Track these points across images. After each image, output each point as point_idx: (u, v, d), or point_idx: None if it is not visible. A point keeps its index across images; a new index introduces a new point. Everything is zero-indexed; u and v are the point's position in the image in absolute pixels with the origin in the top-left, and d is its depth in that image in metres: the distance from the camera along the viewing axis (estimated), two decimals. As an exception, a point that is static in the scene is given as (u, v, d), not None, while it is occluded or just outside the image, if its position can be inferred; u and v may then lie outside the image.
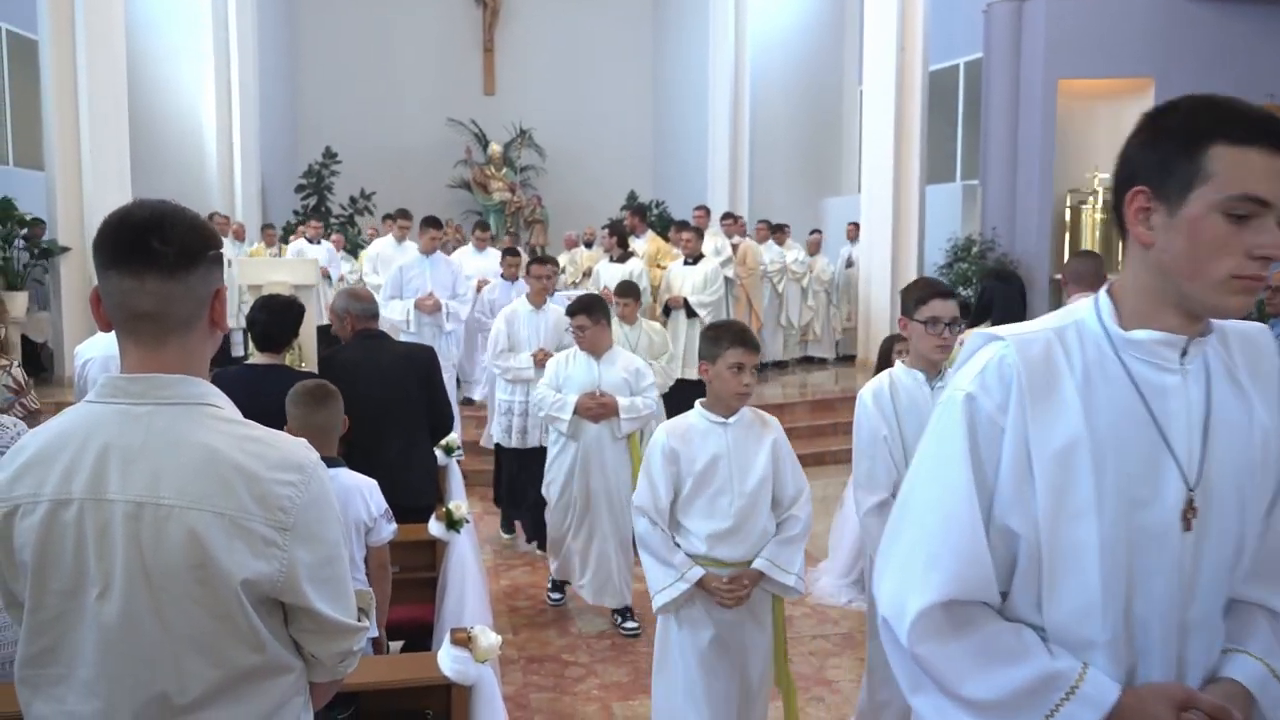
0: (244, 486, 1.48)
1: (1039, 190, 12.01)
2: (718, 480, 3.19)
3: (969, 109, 14.00)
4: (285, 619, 1.59)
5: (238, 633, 1.50)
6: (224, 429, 1.53)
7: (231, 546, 1.47)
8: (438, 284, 7.80)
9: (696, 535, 3.20)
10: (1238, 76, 11.35)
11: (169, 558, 1.46)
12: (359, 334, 4.60)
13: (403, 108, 18.10)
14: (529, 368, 6.10)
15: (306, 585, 1.53)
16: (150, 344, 1.53)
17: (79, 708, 1.50)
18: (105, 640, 1.48)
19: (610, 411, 5.05)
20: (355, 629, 1.65)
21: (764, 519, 3.25)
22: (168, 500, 1.46)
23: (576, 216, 16.39)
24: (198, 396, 1.54)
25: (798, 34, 16.16)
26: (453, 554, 3.78)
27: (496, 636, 2.67)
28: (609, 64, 18.79)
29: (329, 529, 1.58)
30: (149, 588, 1.47)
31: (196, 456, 1.48)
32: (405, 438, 4.35)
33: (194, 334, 1.56)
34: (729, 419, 3.24)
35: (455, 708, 2.66)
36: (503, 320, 6.33)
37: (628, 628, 5.10)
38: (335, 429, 3.28)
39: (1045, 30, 11.72)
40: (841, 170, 16.73)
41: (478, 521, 5.87)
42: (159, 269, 1.49)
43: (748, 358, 3.18)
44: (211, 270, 1.56)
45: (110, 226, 1.52)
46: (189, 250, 1.52)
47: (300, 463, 1.55)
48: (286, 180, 16.41)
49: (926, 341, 3.22)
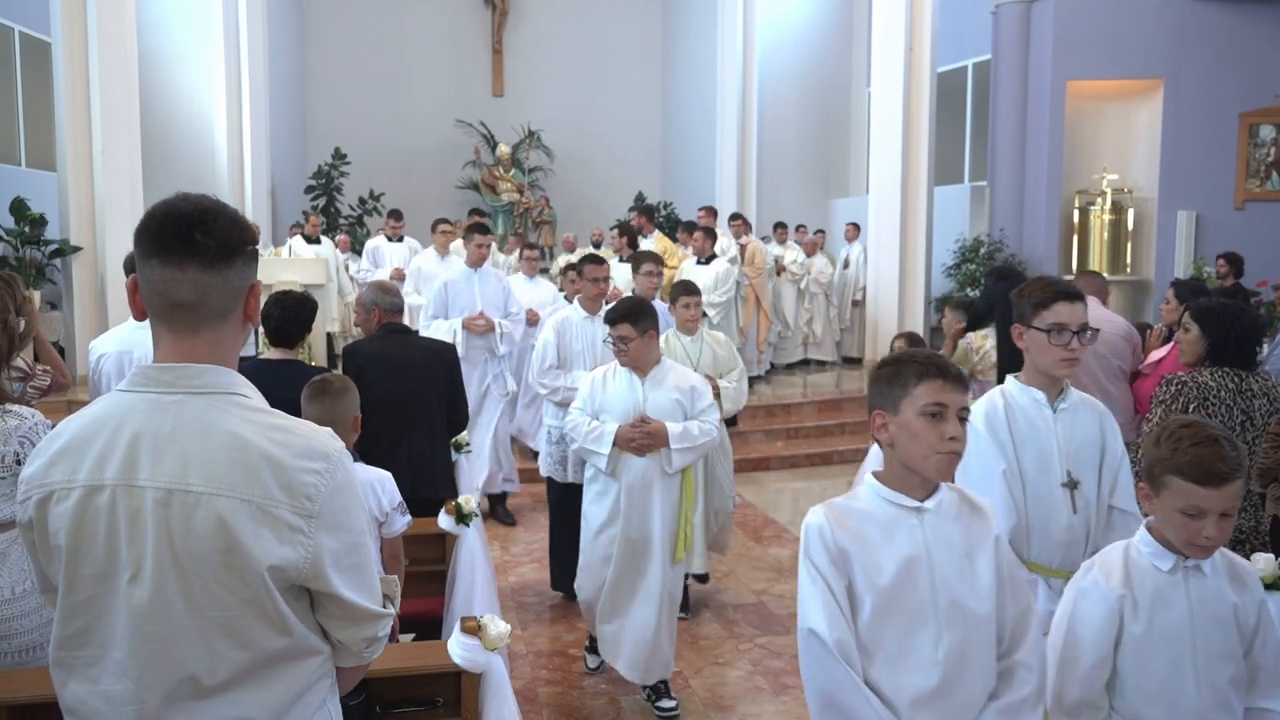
0: (270, 474, 1.52)
1: (1047, 191, 12.02)
2: (915, 599, 2.02)
3: (977, 110, 14.00)
4: (311, 604, 1.62)
5: (265, 616, 1.54)
6: (251, 418, 1.57)
7: (258, 533, 1.51)
8: (488, 301, 6.72)
9: (892, 702, 2.00)
10: (1246, 77, 11.36)
11: (197, 543, 1.50)
12: (384, 327, 4.64)
13: (412, 109, 18.16)
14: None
15: (331, 572, 1.57)
16: (184, 333, 1.58)
17: (112, 688, 1.54)
18: (136, 623, 1.52)
19: (659, 441, 4.06)
20: (380, 615, 1.68)
21: (985, 672, 2.06)
22: (196, 487, 1.50)
23: (585, 217, 16.42)
24: (226, 386, 1.58)
25: (806, 35, 16.17)
26: (462, 547, 3.81)
27: (506, 625, 2.70)
28: (617, 65, 18.82)
29: (353, 517, 1.61)
30: (178, 572, 1.51)
31: (225, 444, 1.52)
32: (428, 431, 4.39)
33: (227, 326, 1.61)
34: (925, 501, 2.07)
35: (465, 696, 2.69)
36: (551, 331, 5.37)
37: (664, 707, 4.17)
38: (346, 423, 3.31)
39: (1054, 31, 11.73)
40: (850, 171, 16.73)
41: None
42: (200, 260, 1.54)
43: (951, 396, 2.01)
44: (249, 265, 1.61)
45: (155, 217, 1.56)
46: (229, 244, 1.57)
47: (326, 451, 1.59)
48: (297, 181, 16.47)
49: (1050, 354, 2.68)
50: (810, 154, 16.29)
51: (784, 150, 15.95)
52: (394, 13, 18.13)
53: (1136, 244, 12.15)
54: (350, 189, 16.76)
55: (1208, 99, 11.37)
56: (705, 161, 16.26)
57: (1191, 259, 11.41)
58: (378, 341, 4.57)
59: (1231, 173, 11.64)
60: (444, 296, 6.67)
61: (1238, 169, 11.64)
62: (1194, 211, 11.60)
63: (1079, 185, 12.12)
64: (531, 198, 17.94)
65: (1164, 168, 11.66)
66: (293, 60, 17.26)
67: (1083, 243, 12.14)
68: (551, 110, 18.38)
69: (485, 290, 6.73)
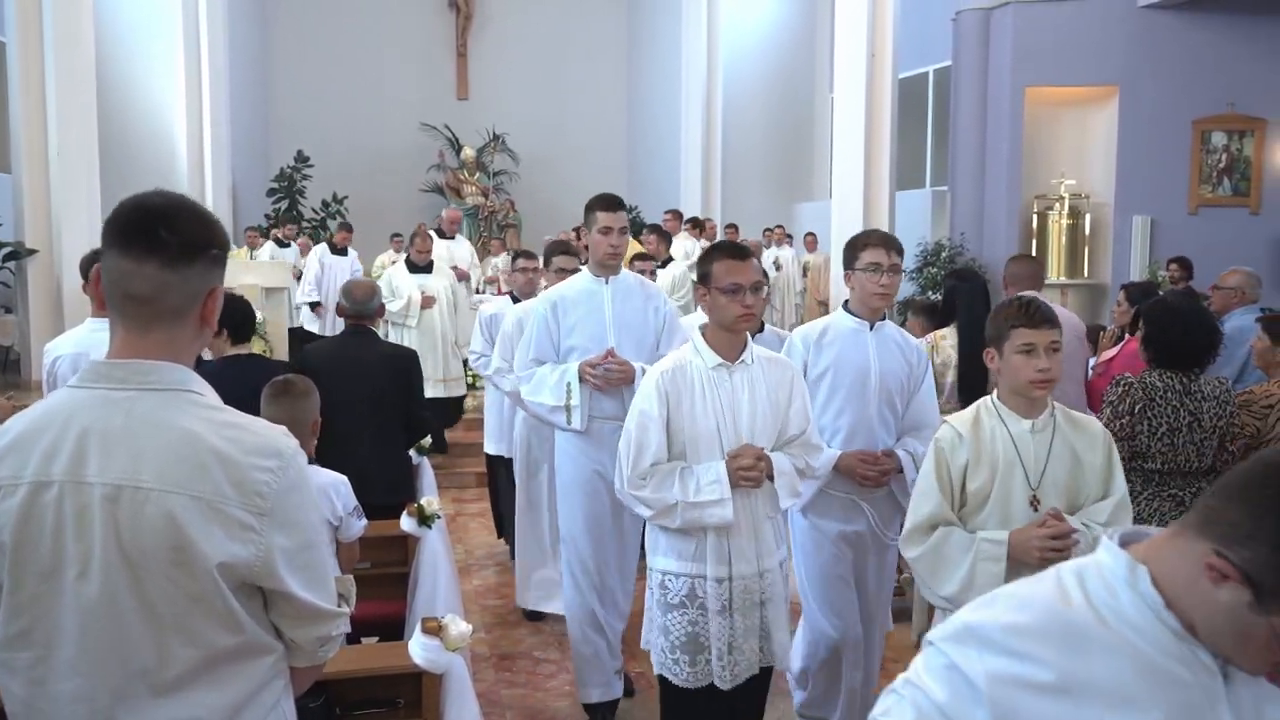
0: (221, 471, 1.52)
1: (1006, 196, 12.18)
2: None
3: (938, 116, 14.18)
4: (265, 603, 1.61)
5: (215, 614, 1.53)
6: (204, 415, 1.56)
7: (208, 530, 1.50)
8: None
9: None
10: (1199, 85, 11.59)
11: (146, 540, 1.49)
12: (346, 329, 4.64)
13: (376, 111, 18.06)
14: None
15: (284, 570, 1.56)
16: (137, 328, 1.57)
17: (59, 687, 1.52)
18: (84, 621, 1.51)
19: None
20: (334, 614, 1.67)
21: None
22: (146, 483, 1.49)
23: (550, 221, 16.42)
24: (179, 383, 1.57)
25: (769, 41, 16.29)
26: (424, 550, 3.81)
27: (467, 626, 2.70)
28: (582, 70, 18.84)
29: (307, 515, 1.61)
30: (127, 569, 1.50)
31: (175, 440, 1.52)
32: (380, 435, 4.37)
33: (182, 326, 1.59)
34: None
35: (426, 697, 2.69)
36: None
37: None
38: (306, 425, 3.29)
39: (1013, 39, 11.90)
40: (813, 175, 16.88)
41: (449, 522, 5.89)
42: (160, 256, 1.53)
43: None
44: (211, 268, 1.60)
45: (124, 209, 1.57)
46: (192, 244, 1.56)
47: (279, 449, 1.58)
48: (258, 183, 16.32)
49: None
50: (774, 158, 16.41)
51: (748, 154, 16.06)
52: (357, 15, 18.03)
53: (1093, 248, 12.35)
54: (313, 192, 16.64)
55: (1162, 106, 11.59)
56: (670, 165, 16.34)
57: (1147, 263, 11.62)
58: (336, 343, 4.56)
59: (1185, 179, 11.86)
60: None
61: (1191, 175, 11.87)
62: (1149, 216, 11.81)
63: (1037, 190, 12.29)
64: (496, 201, 17.91)
65: (1120, 174, 11.86)
66: (254, 61, 17.10)
67: (1041, 247, 12.31)
68: (516, 114, 18.36)
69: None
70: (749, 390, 3.08)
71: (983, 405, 2.79)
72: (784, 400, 3.15)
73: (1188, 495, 3.63)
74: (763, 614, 3.14)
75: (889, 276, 3.46)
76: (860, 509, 3.59)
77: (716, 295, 3.03)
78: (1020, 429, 2.71)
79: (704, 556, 3.08)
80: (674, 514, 3.03)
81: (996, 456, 2.69)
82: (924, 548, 2.71)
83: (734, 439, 3.05)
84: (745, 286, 3.00)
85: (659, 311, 4.17)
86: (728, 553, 3.07)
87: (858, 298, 3.54)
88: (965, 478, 2.72)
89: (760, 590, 3.12)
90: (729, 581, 3.07)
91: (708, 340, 3.11)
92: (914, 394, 3.60)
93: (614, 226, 4.05)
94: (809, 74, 16.67)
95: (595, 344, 4.03)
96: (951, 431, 2.77)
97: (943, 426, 2.82)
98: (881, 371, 3.52)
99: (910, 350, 3.63)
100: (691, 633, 3.09)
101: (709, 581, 3.06)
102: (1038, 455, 2.70)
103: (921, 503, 2.76)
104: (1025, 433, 2.71)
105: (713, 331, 3.12)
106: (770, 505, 3.15)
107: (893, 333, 3.63)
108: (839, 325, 3.59)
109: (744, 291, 2.99)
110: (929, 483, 2.75)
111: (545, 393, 4.00)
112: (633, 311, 4.11)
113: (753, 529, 3.11)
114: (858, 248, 3.51)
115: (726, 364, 3.08)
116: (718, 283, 3.02)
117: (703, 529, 3.05)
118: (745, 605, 3.08)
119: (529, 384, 4.06)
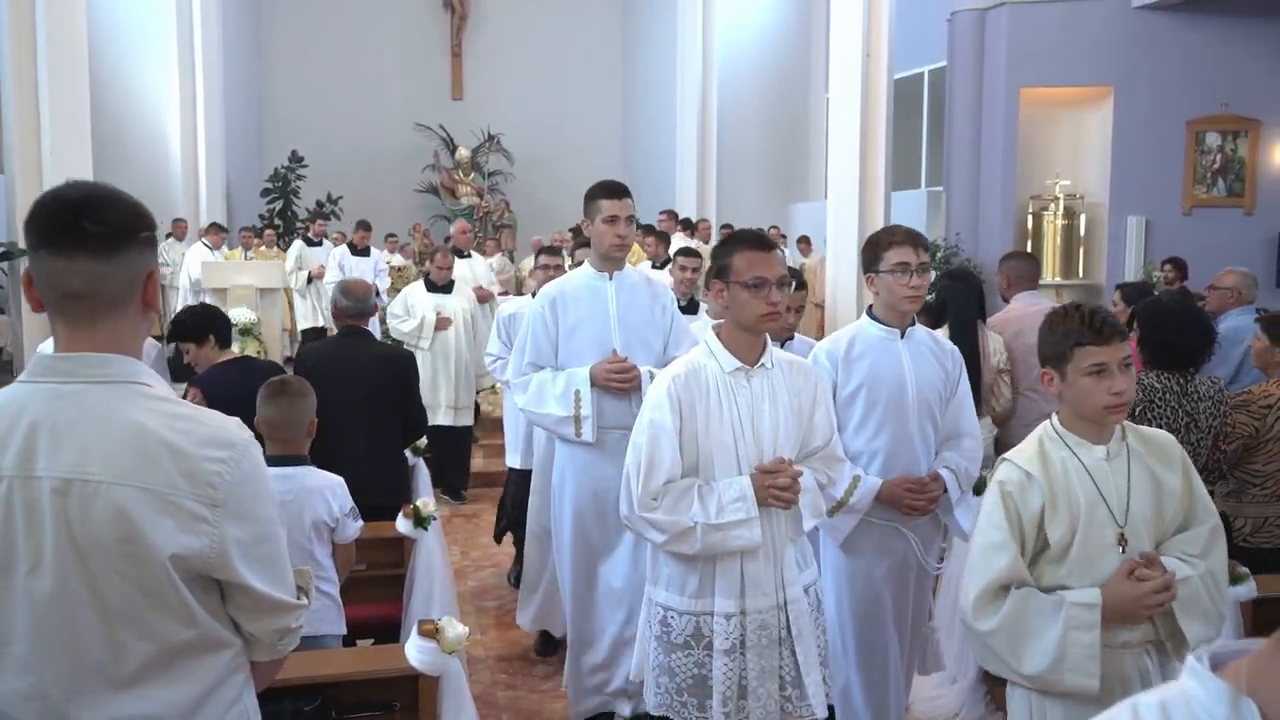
0: (172, 462, 1.50)
1: (1001, 196, 12.19)
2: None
3: (933, 116, 14.18)
4: (223, 597, 1.60)
5: (168, 608, 1.52)
6: (153, 406, 1.54)
7: (159, 522, 1.49)
8: None
9: None
10: (1193, 86, 11.61)
11: (97, 532, 1.48)
12: (341, 330, 4.63)
13: (370, 112, 18.02)
14: None
15: (239, 562, 1.55)
16: (80, 324, 1.54)
17: (13, 685, 1.50)
18: (37, 616, 1.49)
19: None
20: (293, 605, 1.66)
21: None
22: (95, 476, 1.48)
23: (545, 221, 16.39)
24: (128, 375, 1.55)
25: (765, 41, 16.28)
26: (420, 551, 3.79)
27: (464, 628, 2.69)
28: (577, 70, 18.83)
29: (262, 506, 1.59)
30: (79, 563, 1.48)
31: (125, 433, 1.50)
32: (376, 436, 4.35)
33: (125, 315, 1.57)
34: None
35: (423, 699, 2.67)
36: None
37: None
38: (300, 425, 3.28)
39: (1008, 39, 11.91)
40: (809, 176, 16.87)
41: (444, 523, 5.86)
42: (89, 249, 1.50)
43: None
44: (144, 252, 1.57)
45: (43, 206, 1.53)
46: (121, 231, 1.53)
47: (231, 440, 1.56)
48: (253, 183, 16.27)
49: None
50: (770, 159, 16.40)
51: (744, 155, 16.04)
52: (352, 15, 17.99)
53: (1088, 248, 12.37)
54: (307, 192, 16.60)
55: (1156, 107, 11.61)
56: (665, 166, 16.32)
57: (1141, 263, 11.63)
58: (332, 344, 4.55)
59: (1179, 179, 11.88)
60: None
61: (1185, 175, 11.88)
62: (1143, 217, 11.82)
63: (1032, 191, 12.30)
64: (491, 201, 17.89)
65: (1114, 174, 11.87)
66: (249, 62, 17.06)
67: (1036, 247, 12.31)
68: (511, 114, 18.34)
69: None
70: (770, 397, 2.73)
71: (1045, 435, 2.37)
72: (807, 408, 2.80)
73: (1182, 495, 3.63)
74: (784, 653, 2.71)
75: (919, 277, 3.13)
76: (902, 536, 3.25)
77: (737, 290, 2.67)
78: (1094, 458, 2.31)
79: (711, 590, 2.69)
80: (692, 538, 2.63)
81: (1075, 496, 2.28)
82: (999, 619, 2.23)
83: (753, 452, 2.70)
84: (770, 281, 2.65)
85: (666, 310, 3.83)
86: (740, 583, 2.68)
87: (884, 302, 3.20)
88: (1042, 525, 2.27)
89: (781, 625, 2.70)
90: (740, 616, 2.67)
91: (723, 341, 2.75)
92: (949, 401, 3.28)
93: (620, 215, 3.67)
94: (804, 74, 16.66)
95: (597, 346, 3.68)
96: (1017, 472, 2.32)
97: (1004, 465, 2.37)
98: (919, 382, 3.20)
99: (945, 354, 3.30)
100: (699, 675, 2.69)
101: (716, 618, 2.68)
102: (1118, 486, 2.29)
103: (989, 561, 2.27)
104: (1100, 462, 2.30)
105: (729, 331, 2.75)
106: (793, 526, 2.77)
107: (924, 337, 3.31)
108: (866, 335, 3.25)
109: (769, 287, 2.64)
110: (997, 535, 2.27)
111: (550, 402, 3.64)
112: (639, 310, 3.76)
113: (772, 554, 2.71)
114: (881, 247, 3.18)
115: (745, 368, 2.72)
116: (738, 276, 2.66)
117: (714, 556, 2.67)
118: (761, 643, 2.67)
119: (527, 393, 3.71)
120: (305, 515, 3.19)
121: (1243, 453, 3.90)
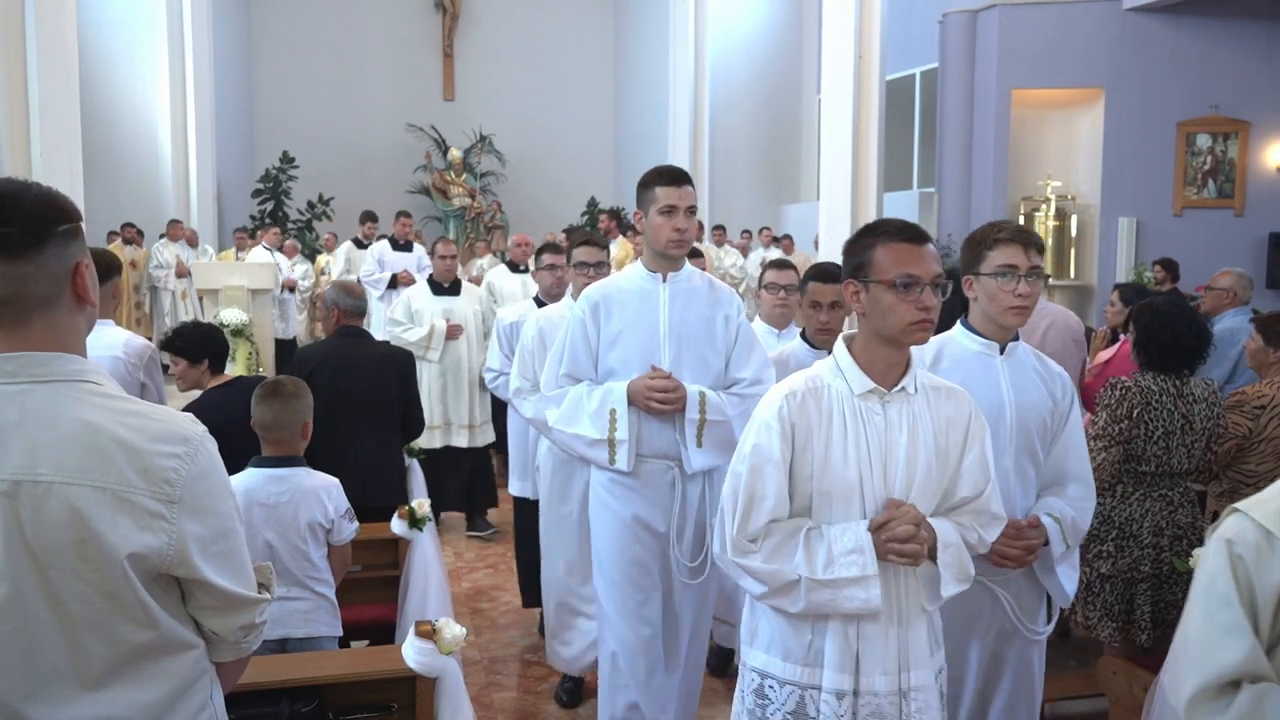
0: (125, 460, 1.47)
1: (993, 197, 12.23)
2: None
3: (925, 118, 14.22)
4: (183, 598, 1.57)
5: (126, 609, 1.49)
6: (104, 404, 1.51)
7: (115, 520, 1.45)
8: None
9: None
10: (1183, 87, 11.67)
11: (51, 534, 1.44)
12: (340, 329, 4.60)
13: (362, 112, 18.01)
14: None
15: (198, 558, 1.52)
16: (14, 327, 1.49)
17: None
18: None
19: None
20: (255, 600, 1.63)
21: None
22: (45, 476, 1.44)
23: (537, 222, 16.39)
24: (76, 374, 1.51)
25: (757, 42, 16.31)
26: (415, 552, 3.78)
27: (461, 629, 2.68)
28: (569, 70, 18.83)
29: (220, 502, 1.56)
30: (34, 566, 1.45)
31: (75, 431, 1.46)
32: (379, 435, 4.34)
33: (58, 312, 1.52)
34: None
35: (420, 700, 2.66)
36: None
37: None
38: (295, 426, 3.26)
39: (999, 41, 11.95)
40: (800, 177, 16.90)
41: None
42: (4, 251, 1.45)
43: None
44: (66, 246, 1.51)
45: None
46: (35, 228, 1.47)
47: (186, 435, 1.53)
48: (243, 184, 16.24)
49: None
50: (762, 159, 16.43)
51: (736, 156, 16.07)
52: (343, 15, 17.97)
53: (1080, 250, 12.42)
54: (298, 193, 16.57)
55: (1147, 109, 11.66)
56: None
57: (1132, 264, 11.68)
58: (331, 344, 4.53)
59: (1170, 180, 11.94)
60: None
61: (1176, 177, 11.94)
62: (1134, 218, 11.88)
63: (1024, 192, 12.35)
64: (483, 202, 17.87)
65: (1105, 175, 11.93)
66: (239, 62, 17.01)
67: (1028, 248, 12.37)
68: (503, 115, 18.34)
69: None
70: (909, 430, 2.20)
71: None
72: (956, 447, 2.27)
73: (1176, 495, 3.65)
74: None
75: (1028, 284, 2.61)
76: (995, 598, 2.64)
77: (879, 292, 2.16)
78: None
79: (821, 659, 2.19)
80: (795, 593, 2.14)
81: None
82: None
83: (881, 495, 2.18)
84: (924, 280, 2.14)
85: (730, 322, 3.29)
86: (855, 655, 2.17)
87: (983, 311, 2.69)
88: None
89: (901, 716, 2.17)
90: (853, 697, 2.16)
91: (855, 356, 2.22)
92: (1057, 436, 2.72)
93: (680, 205, 3.13)
94: (796, 75, 16.70)
95: (642, 358, 3.19)
96: (1254, 529, 1.56)
97: (1233, 517, 1.60)
98: (1019, 408, 2.65)
99: (1053, 378, 2.74)
100: None
101: (825, 694, 2.17)
102: None
103: (1214, 648, 1.59)
104: None
105: (865, 344, 2.22)
106: (928, 593, 2.23)
107: (1029, 357, 2.76)
108: (958, 348, 2.73)
109: (921, 287, 2.14)
110: (1224, 615, 1.58)
111: (584, 421, 3.17)
112: (695, 319, 3.24)
113: (898, 624, 2.18)
114: (985, 245, 2.69)
115: (881, 391, 2.20)
116: (881, 274, 2.16)
117: (827, 617, 2.16)
118: None
119: (560, 408, 3.23)
120: (301, 516, 3.17)
121: (1236, 453, 3.91)
